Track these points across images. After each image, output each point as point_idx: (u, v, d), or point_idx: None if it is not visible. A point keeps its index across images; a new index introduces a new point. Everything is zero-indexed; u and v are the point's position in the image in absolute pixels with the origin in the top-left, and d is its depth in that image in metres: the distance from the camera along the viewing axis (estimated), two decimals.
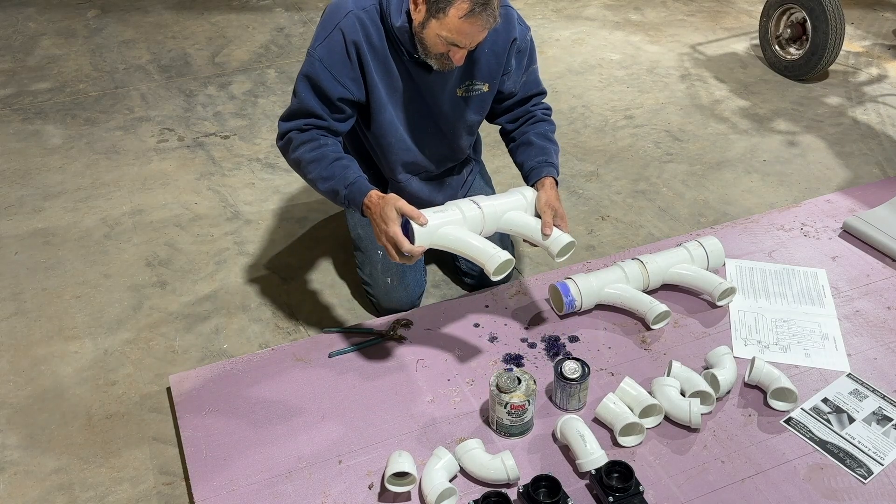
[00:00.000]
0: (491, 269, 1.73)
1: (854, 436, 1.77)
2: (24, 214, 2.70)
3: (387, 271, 2.13)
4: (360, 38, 1.79)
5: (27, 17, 4.29)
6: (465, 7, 1.67)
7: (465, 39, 1.74)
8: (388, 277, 2.13)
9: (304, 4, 4.44)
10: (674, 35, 4.03)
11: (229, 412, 1.85)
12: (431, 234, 1.76)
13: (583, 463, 1.66)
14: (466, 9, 1.67)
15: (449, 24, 1.69)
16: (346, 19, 1.78)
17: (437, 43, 1.75)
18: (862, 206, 2.56)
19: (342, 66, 1.80)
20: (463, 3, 1.66)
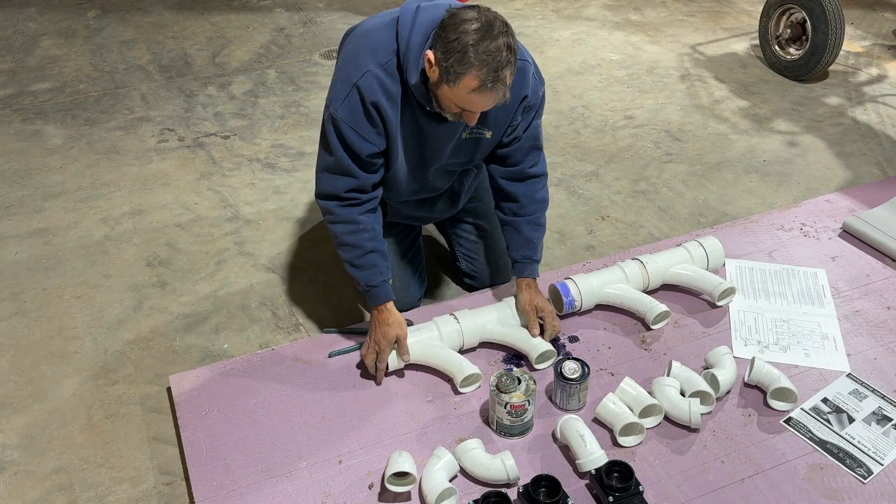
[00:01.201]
0: (458, 381, 1.87)
1: (854, 436, 1.77)
2: (24, 214, 2.71)
3: None
4: (380, 97, 1.77)
5: (27, 17, 4.30)
6: (476, 83, 1.65)
7: (476, 108, 1.73)
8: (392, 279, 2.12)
9: (304, 4, 4.44)
10: (674, 35, 4.03)
11: (229, 412, 1.85)
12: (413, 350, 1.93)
13: (583, 463, 1.66)
14: (477, 84, 1.65)
15: (459, 94, 1.68)
16: (364, 80, 1.75)
17: (449, 105, 1.74)
18: (862, 206, 2.56)
19: (366, 125, 1.79)
20: (474, 78, 1.64)
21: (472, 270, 2.28)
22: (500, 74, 1.64)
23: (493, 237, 2.24)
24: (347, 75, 1.78)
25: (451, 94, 1.69)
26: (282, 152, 3.05)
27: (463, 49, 1.62)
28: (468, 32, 1.62)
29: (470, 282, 2.31)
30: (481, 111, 1.75)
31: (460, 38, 1.62)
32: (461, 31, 1.62)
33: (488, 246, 2.25)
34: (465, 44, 1.62)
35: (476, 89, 1.65)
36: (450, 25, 1.65)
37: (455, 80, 1.65)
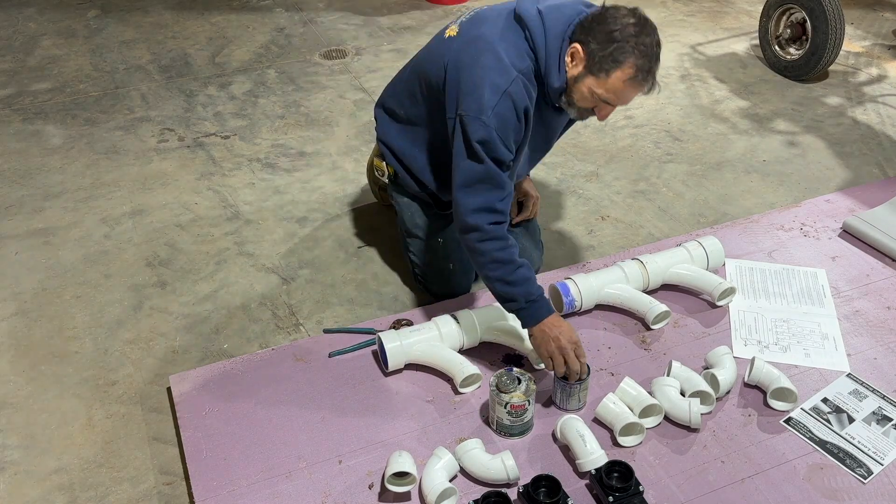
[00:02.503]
0: (458, 381, 1.87)
1: (854, 436, 1.77)
2: (24, 214, 2.70)
3: (448, 257, 2.15)
4: (529, 103, 1.79)
5: (27, 17, 4.29)
6: (631, 72, 1.69)
7: (620, 100, 1.77)
8: (451, 263, 2.15)
9: (304, 4, 4.44)
10: (674, 35, 4.03)
11: (229, 412, 1.85)
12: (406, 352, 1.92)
13: (583, 463, 1.66)
14: (632, 73, 1.70)
15: (609, 84, 1.72)
16: (514, 85, 1.76)
17: (587, 98, 1.77)
18: (862, 206, 2.56)
19: (513, 132, 1.80)
20: (630, 67, 1.69)
21: None
22: (652, 68, 1.72)
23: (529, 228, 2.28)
24: (496, 83, 1.76)
25: (598, 85, 1.74)
26: (282, 152, 3.05)
27: (623, 39, 1.68)
28: (626, 26, 1.70)
29: None
30: (622, 104, 1.79)
31: (621, 30, 1.69)
32: (620, 24, 1.70)
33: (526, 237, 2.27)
34: (626, 35, 1.69)
35: (630, 79, 1.71)
36: (605, 19, 1.72)
37: (610, 70, 1.70)
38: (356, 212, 2.69)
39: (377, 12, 4.32)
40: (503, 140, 1.78)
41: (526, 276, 1.81)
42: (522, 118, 1.80)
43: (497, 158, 1.79)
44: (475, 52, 1.82)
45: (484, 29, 1.85)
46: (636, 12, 1.75)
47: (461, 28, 1.92)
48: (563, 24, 1.77)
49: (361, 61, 3.76)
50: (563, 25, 1.77)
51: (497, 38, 1.81)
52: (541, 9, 1.80)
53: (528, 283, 1.81)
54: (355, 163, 2.95)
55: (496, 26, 1.83)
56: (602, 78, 1.72)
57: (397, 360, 1.91)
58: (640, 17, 1.74)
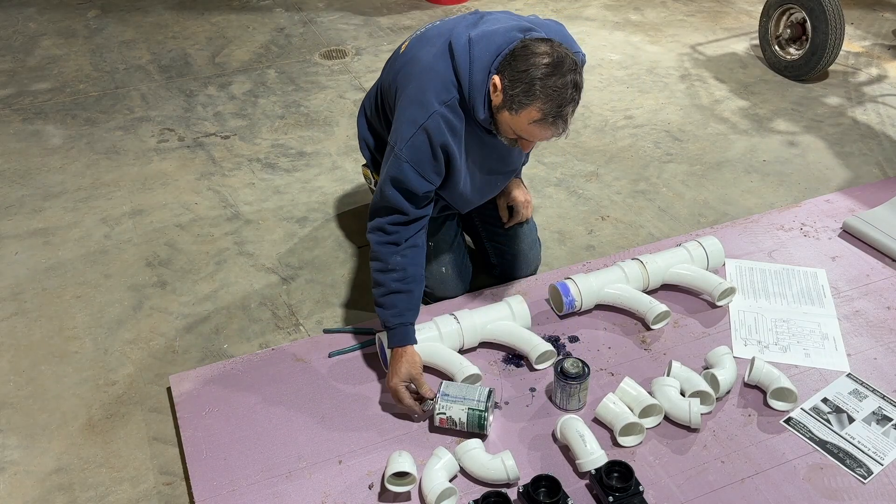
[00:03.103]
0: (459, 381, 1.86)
1: (854, 436, 1.77)
2: (24, 214, 2.70)
3: (440, 261, 2.16)
4: (448, 137, 1.80)
5: (27, 17, 4.29)
6: (537, 115, 1.68)
7: (533, 138, 1.76)
8: (443, 267, 2.16)
9: (304, 4, 4.44)
10: (674, 35, 4.03)
11: (229, 412, 1.85)
12: None
13: (583, 463, 1.66)
14: (538, 116, 1.68)
15: (518, 123, 1.72)
16: (431, 120, 1.77)
17: (507, 130, 1.77)
18: (862, 206, 2.56)
19: (429, 165, 1.81)
20: (536, 110, 1.67)
21: (501, 264, 2.29)
22: (562, 111, 1.68)
23: (522, 231, 2.27)
24: (413, 117, 1.78)
25: (512, 122, 1.73)
26: (282, 152, 3.05)
27: (531, 81, 1.66)
28: (538, 66, 1.66)
29: (499, 274, 2.32)
30: (538, 141, 1.78)
31: (530, 71, 1.66)
32: (532, 63, 1.66)
33: (519, 240, 2.26)
34: (534, 77, 1.66)
35: (537, 121, 1.69)
36: (521, 56, 1.69)
37: (518, 109, 1.69)
38: (356, 212, 2.69)
39: (377, 12, 4.32)
40: (419, 171, 1.80)
41: (393, 303, 1.85)
42: (440, 153, 1.80)
43: (409, 191, 1.82)
44: (407, 77, 1.85)
45: (422, 52, 1.85)
46: (553, 50, 1.68)
47: (409, 45, 1.92)
48: (490, 55, 1.74)
49: (361, 61, 3.76)
50: (490, 55, 1.74)
51: (427, 67, 1.80)
52: (472, 36, 1.77)
53: (393, 308, 1.85)
54: (355, 163, 2.95)
55: (431, 52, 1.82)
56: (513, 115, 1.71)
57: None
58: (558, 56, 1.67)
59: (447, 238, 2.17)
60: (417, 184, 1.81)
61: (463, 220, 2.31)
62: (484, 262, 2.38)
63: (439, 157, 1.81)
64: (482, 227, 2.31)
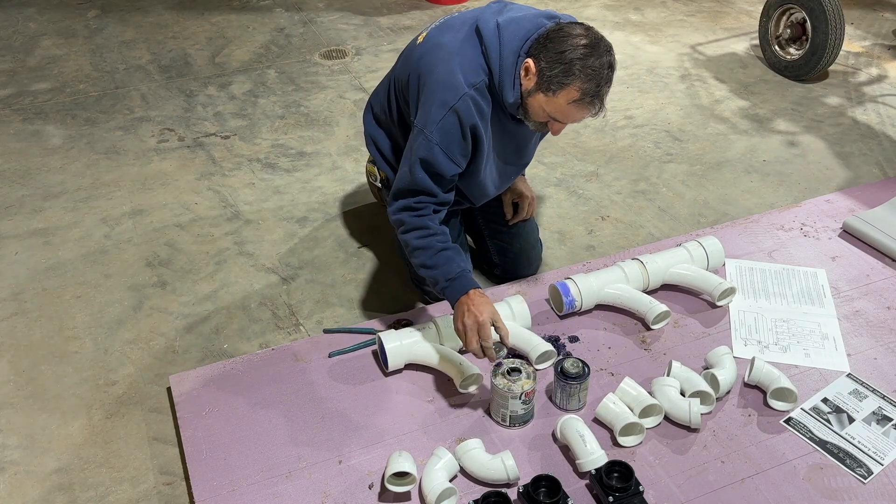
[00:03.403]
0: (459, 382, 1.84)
1: (854, 436, 1.77)
2: (24, 214, 2.71)
3: None
4: (476, 119, 1.80)
5: (27, 17, 4.29)
6: (576, 95, 1.69)
7: (568, 120, 1.77)
8: None
9: (304, 4, 4.44)
10: (674, 35, 4.03)
11: (229, 412, 1.85)
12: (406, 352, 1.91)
13: (583, 463, 1.66)
14: (577, 96, 1.69)
15: (555, 104, 1.72)
16: (462, 102, 1.77)
17: (539, 113, 1.77)
18: (862, 206, 2.56)
19: (458, 147, 1.81)
20: (575, 90, 1.68)
21: (503, 263, 2.29)
22: (600, 91, 1.70)
23: (525, 229, 2.27)
24: (444, 99, 1.78)
25: (547, 104, 1.73)
26: (282, 152, 3.05)
27: (570, 62, 1.67)
28: (576, 47, 1.68)
29: (500, 273, 2.32)
30: (571, 122, 1.78)
31: (567, 52, 1.68)
32: (570, 44, 1.68)
33: (522, 238, 2.26)
34: (573, 57, 1.67)
35: (575, 101, 1.70)
36: (557, 38, 1.70)
37: (556, 90, 1.70)
38: (356, 212, 2.69)
39: (377, 12, 4.32)
40: (448, 154, 1.80)
41: (447, 258, 1.82)
42: (469, 135, 1.81)
43: (438, 174, 1.82)
44: (432, 63, 1.84)
45: (446, 38, 1.85)
46: (590, 32, 1.72)
47: (428, 35, 1.93)
48: (519, 39, 1.76)
49: (361, 61, 3.76)
50: (519, 40, 1.76)
51: (455, 51, 1.81)
52: (500, 21, 1.79)
53: (449, 262, 1.81)
54: (355, 163, 2.95)
55: (457, 37, 1.83)
56: (550, 96, 1.72)
57: (397, 360, 1.91)
58: (594, 37, 1.71)
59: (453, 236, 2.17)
60: (447, 167, 1.81)
61: (465, 218, 2.31)
62: (484, 263, 2.39)
63: (468, 138, 1.81)
64: (485, 224, 2.30)
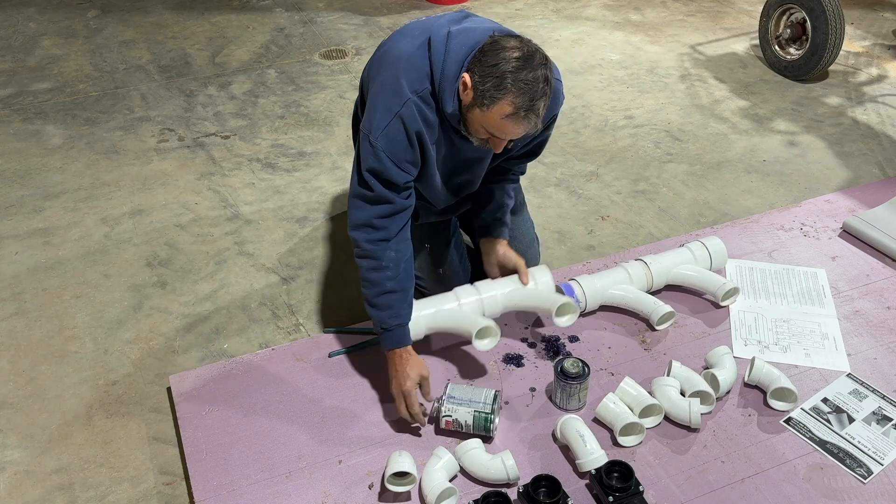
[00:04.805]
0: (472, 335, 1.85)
1: (854, 436, 1.77)
2: (24, 214, 2.71)
3: (437, 262, 2.15)
4: (421, 125, 1.78)
5: (27, 17, 4.29)
6: (510, 109, 1.66)
7: (505, 135, 1.74)
8: (441, 268, 2.15)
9: (304, 4, 4.44)
10: (674, 35, 4.03)
11: (229, 412, 1.85)
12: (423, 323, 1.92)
13: (583, 463, 1.66)
14: (511, 111, 1.66)
15: (490, 119, 1.70)
16: (406, 108, 1.75)
17: (478, 129, 1.75)
18: (862, 206, 2.56)
19: (405, 154, 1.79)
20: (508, 104, 1.65)
21: None
22: (534, 105, 1.67)
23: (518, 229, 2.27)
24: (388, 104, 1.76)
25: (483, 119, 1.71)
26: (282, 152, 3.05)
27: (501, 75, 1.64)
28: (508, 60, 1.65)
29: None
30: (509, 138, 1.76)
31: (500, 65, 1.65)
32: (502, 57, 1.66)
33: (516, 239, 2.26)
34: (504, 70, 1.64)
35: (509, 115, 1.67)
36: (491, 51, 1.68)
37: (489, 105, 1.67)
38: None
39: (377, 12, 4.32)
40: (394, 161, 1.78)
41: (389, 304, 1.80)
42: (415, 141, 1.78)
43: (387, 181, 1.79)
44: (381, 67, 1.83)
45: (399, 44, 1.84)
46: (524, 45, 1.68)
47: (388, 39, 1.92)
48: (465, 50, 1.73)
49: (361, 61, 3.76)
50: (465, 51, 1.73)
51: (403, 57, 1.79)
52: (452, 31, 1.77)
53: (389, 310, 1.80)
54: None
55: (412, 44, 1.81)
56: (484, 111, 1.69)
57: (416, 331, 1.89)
58: (528, 50, 1.67)
59: (445, 238, 2.17)
60: (396, 174, 1.79)
61: (461, 219, 2.31)
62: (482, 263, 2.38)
63: (415, 145, 1.79)
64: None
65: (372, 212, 1.81)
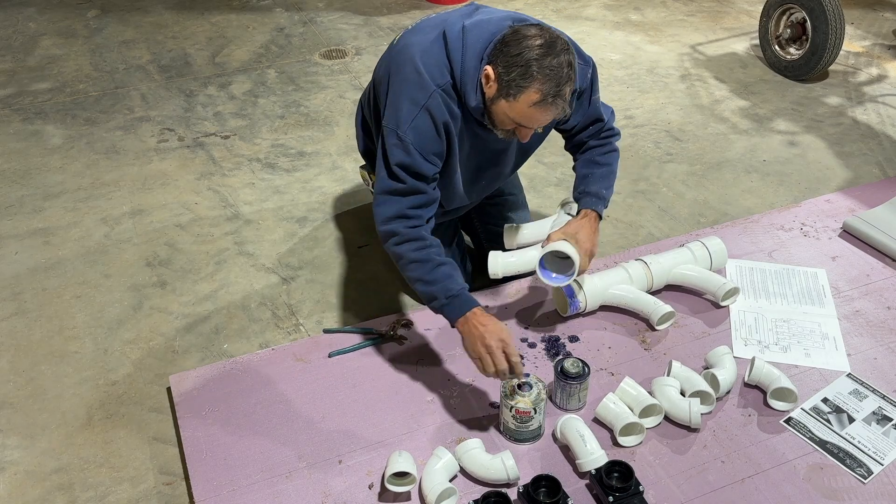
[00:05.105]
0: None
1: (854, 436, 1.77)
2: (24, 214, 2.71)
3: None
4: (448, 117, 1.78)
5: (27, 17, 4.29)
6: (537, 97, 1.66)
7: (533, 123, 1.74)
8: None
9: (304, 4, 4.44)
10: (674, 35, 4.03)
11: (229, 412, 1.85)
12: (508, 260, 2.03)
13: (583, 463, 1.66)
14: (538, 98, 1.66)
15: (518, 109, 1.69)
16: (433, 99, 1.75)
17: (504, 120, 1.75)
18: (862, 206, 2.56)
19: (433, 145, 1.79)
20: (535, 92, 1.65)
21: None
22: (561, 90, 1.67)
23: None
24: (414, 97, 1.76)
25: (510, 109, 1.71)
26: (282, 152, 3.05)
27: (526, 63, 1.65)
28: (532, 48, 1.65)
29: None
30: (537, 126, 1.75)
31: (524, 53, 1.65)
32: (525, 46, 1.66)
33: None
34: (529, 59, 1.65)
35: (537, 103, 1.67)
36: (513, 41, 1.68)
37: (516, 94, 1.67)
38: (356, 212, 2.69)
39: (377, 12, 4.32)
40: (423, 154, 1.77)
41: (446, 274, 1.76)
42: (443, 132, 1.78)
43: (418, 173, 1.79)
44: (399, 63, 1.83)
45: (414, 39, 1.84)
46: (545, 32, 1.68)
47: (402, 36, 1.92)
48: (482, 43, 1.73)
49: (361, 61, 3.76)
50: (482, 43, 1.73)
51: (421, 51, 1.79)
52: (466, 25, 1.77)
53: (449, 279, 1.76)
54: (355, 163, 2.95)
55: (426, 39, 1.81)
56: (511, 101, 1.69)
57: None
58: (550, 36, 1.67)
59: (446, 238, 2.17)
60: (424, 167, 1.79)
61: (462, 219, 2.31)
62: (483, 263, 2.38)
63: (442, 136, 1.79)
64: (481, 227, 2.30)
65: (405, 202, 1.79)
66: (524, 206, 2.34)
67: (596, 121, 2.03)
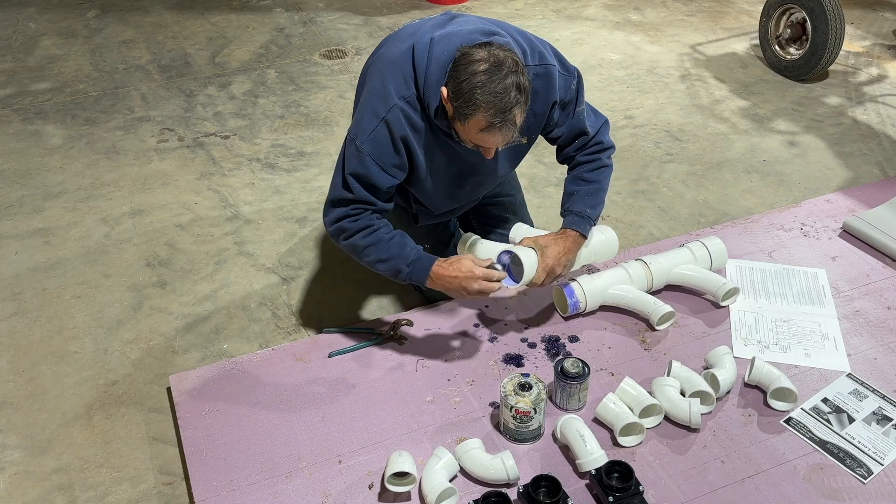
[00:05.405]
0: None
1: (854, 436, 1.77)
2: (24, 214, 2.71)
3: None
4: (407, 131, 1.78)
5: (27, 17, 4.30)
6: (483, 122, 1.66)
7: (487, 144, 1.75)
8: None
9: (303, 4, 4.44)
10: (674, 35, 4.03)
11: (229, 412, 1.85)
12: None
13: (583, 463, 1.66)
14: (484, 124, 1.67)
15: (469, 132, 1.71)
16: (392, 113, 1.75)
17: (465, 139, 1.76)
18: (862, 206, 2.56)
19: (390, 158, 1.79)
20: (481, 118, 1.65)
21: None
22: (507, 115, 1.66)
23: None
24: (375, 109, 1.77)
25: (463, 132, 1.72)
26: (282, 152, 3.05)
27: (470, 90, 1.64)
28: (475, 74, 1.64)
29: None
30: (495, 146, 1.76)
31: (468, 80, 1.65)
32: (469, 72, 1.65)
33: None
34: (473, 85, 1.64)
35: (484, 129, 1.68)
36: (460, 65, 1.67)
37: (464, 120, 1.68)
38: None
39: (377, 12, 4.33)
40: (381, 166, 1.78)
41: (399, 244, 1.81)
42: (401, 146, 1.79)
43: (371, 185, 1.80)
44: (371, 72, 1.84)
45: (386, 49, 1.84)
46: (491, 55, 1.65)
47: (381, 43, 1.93)
48: (448, 55, 1.72)
49: (361, 61, 3.76)
50: (448, 56, 1.72)
51: (391, 62, 1.79)
52: (434, 37, 1.76)
53: (403, 248, 1.81)
54: None
55: (399, 48, 1.80)
56: (463, 125, 1.70)
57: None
58: (496, 59, 1.64)
59: (445, 238, 2.17)
60: (380, 178, 1.79)
61: (461, 220, 2.31)
62: None
63: (401, 150, 1.79)
64: (480, 228, 2.30)
65: (349, 208, 1.83)
66: (522, 206, 2.34)
67: (580, 134, 1.99)
